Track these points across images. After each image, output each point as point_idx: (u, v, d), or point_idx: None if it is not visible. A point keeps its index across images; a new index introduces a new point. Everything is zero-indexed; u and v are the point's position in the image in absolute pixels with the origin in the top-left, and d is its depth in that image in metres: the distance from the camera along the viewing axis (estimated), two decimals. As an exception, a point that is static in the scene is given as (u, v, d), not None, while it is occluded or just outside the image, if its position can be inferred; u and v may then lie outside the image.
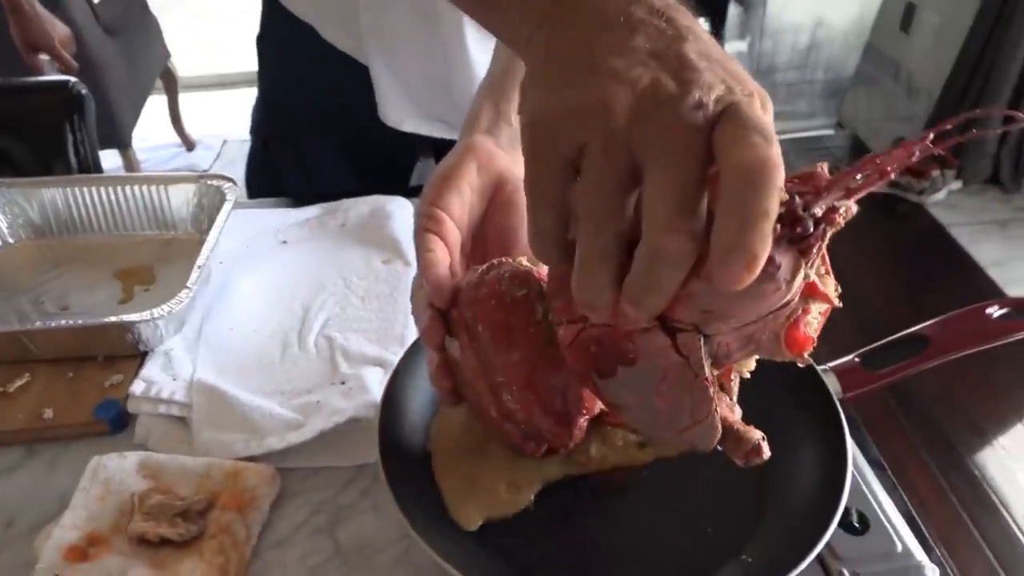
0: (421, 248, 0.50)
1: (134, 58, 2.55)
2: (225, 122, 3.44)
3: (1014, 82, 2.53)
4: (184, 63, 3.34)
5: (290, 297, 0.87)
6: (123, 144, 2.49)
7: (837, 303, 0.37)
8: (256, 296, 0.88)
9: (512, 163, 0.56)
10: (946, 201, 2.64)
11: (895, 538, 0.53)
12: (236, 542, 0.62)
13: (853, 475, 0.57)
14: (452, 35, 0.94)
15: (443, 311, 0.49)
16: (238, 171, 1.13)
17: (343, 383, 0.74)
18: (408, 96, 1.02)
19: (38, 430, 0.72)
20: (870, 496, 0.55)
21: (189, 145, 3.23)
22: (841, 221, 0.33)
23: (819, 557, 0.52)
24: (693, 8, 0.37)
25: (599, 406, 0.50)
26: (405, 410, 0.61)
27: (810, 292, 0.35)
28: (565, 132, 0.34)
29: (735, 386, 0.43)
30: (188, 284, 0.78)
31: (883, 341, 0.56)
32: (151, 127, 3.11)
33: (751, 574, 0.44)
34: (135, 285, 0.90)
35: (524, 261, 0.50)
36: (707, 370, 0.37)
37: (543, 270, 0.48)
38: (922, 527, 0.65)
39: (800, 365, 0.38)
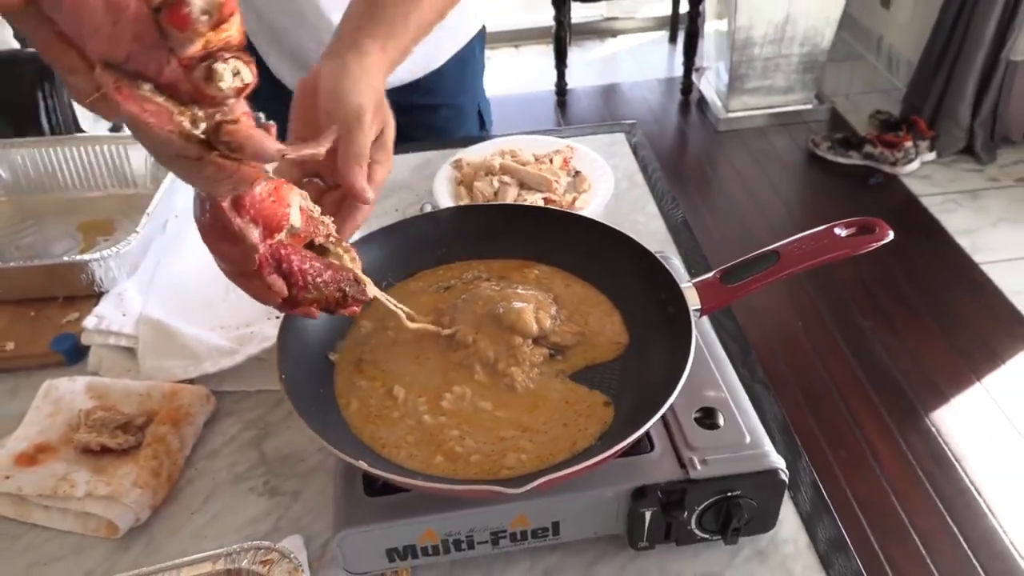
0: None
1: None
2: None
3: (986, 48, 2.56)
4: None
5: (238, 245, 0.93)
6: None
7: None
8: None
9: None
10: (919, 172, 2.68)
11: (744, 432, 0.59)
12: (169, 451, 0.69)
13: (722, 387, 0.63)
14: None
15: None
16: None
17: (278, 316, 0.81)
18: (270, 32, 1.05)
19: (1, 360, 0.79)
20: (732, 403, 0.61)
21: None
22: None
23: (674, 447, 0.58)
24: None
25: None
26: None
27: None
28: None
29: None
30: (137, 229, 0.85)
31: (740, 259, 0.62)
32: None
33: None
34: (96, 236, 0.96)
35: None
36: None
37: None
38: (796, 440, 0.72)
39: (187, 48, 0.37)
